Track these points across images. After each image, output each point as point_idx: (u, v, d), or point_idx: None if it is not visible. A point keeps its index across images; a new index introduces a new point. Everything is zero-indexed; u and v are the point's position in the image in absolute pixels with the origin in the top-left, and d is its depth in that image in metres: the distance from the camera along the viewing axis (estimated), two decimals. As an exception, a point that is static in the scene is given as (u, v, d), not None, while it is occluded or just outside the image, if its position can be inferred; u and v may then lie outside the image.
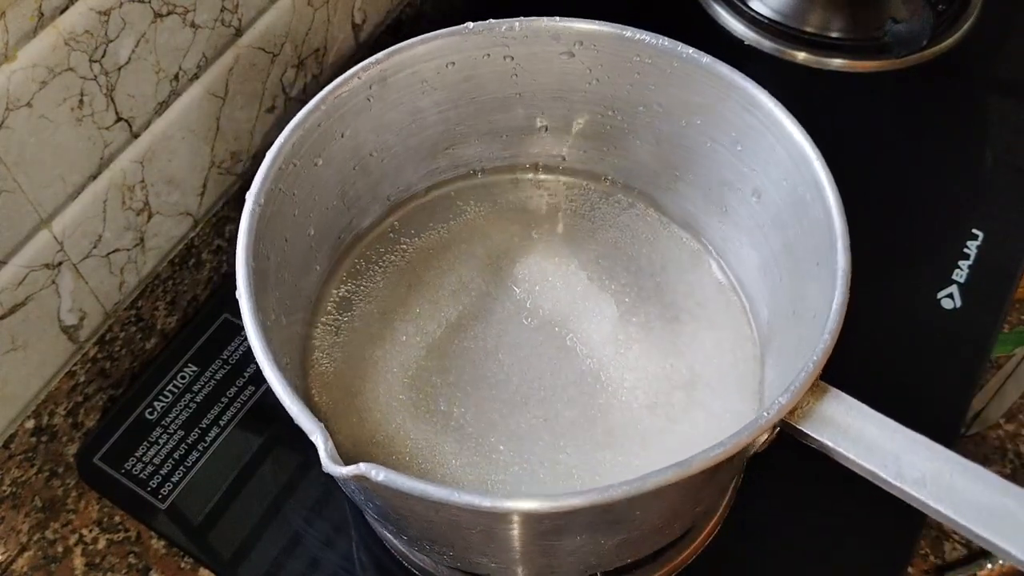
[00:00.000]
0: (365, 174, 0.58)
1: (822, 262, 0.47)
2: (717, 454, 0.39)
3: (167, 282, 0.67)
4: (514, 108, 0.60)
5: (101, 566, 0.57)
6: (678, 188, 0.60)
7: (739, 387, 0.55)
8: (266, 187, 0.49)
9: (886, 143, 0.77)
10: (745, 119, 0.53)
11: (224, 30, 0.62)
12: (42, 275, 0.57)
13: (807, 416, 0.42)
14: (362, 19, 0.77)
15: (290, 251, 0.52)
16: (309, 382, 0.55)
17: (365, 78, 0.54)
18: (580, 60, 0.57)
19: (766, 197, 0.54)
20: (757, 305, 0.57)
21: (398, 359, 0.56)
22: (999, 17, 0.84)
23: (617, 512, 0.41)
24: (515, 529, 0.42)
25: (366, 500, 0.46)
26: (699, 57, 0.53)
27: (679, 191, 0.61)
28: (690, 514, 0.50)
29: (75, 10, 0.52)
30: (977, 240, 0.69)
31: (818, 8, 0.82)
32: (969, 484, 0.40)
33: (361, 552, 0.58)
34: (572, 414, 0.54)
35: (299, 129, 0.51)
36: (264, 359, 0.43)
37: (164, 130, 0.61)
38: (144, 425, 0.61)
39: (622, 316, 0.58)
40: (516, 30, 0.56)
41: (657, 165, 0.60)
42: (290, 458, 0.61)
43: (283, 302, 0.51)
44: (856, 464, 0.42)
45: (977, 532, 0.39)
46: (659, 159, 0.60)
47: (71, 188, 0.57)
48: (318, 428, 0.40)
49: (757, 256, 0.56)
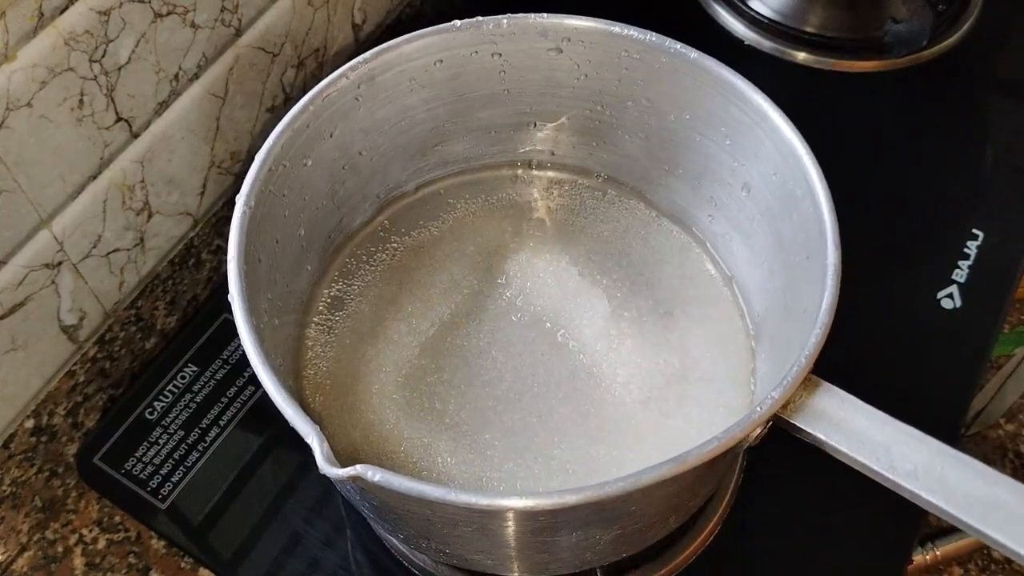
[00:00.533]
0: (355, 173, 0.58)
1: (812, 256, 0.47)
2: (711, 449, 0.39)
3: (167, 282, 0.67)
4: (503, 105, 0.60)
5: (101, 566, 0.57)
6: (668, 183, 0.60)
7: (731, 380, 0.55)
8: (256, 189, 0.49)
9: (886, 143, 0.77)
10: (734, 114, 0.53)
11: (224, 30, 0.63)
12: (42, 275, 0.57)
13: (800, 410, 0.42)
14: (362, 19, 0.77)
15: (281, 252, 0.52)
16: (303, 383, 0.55)
17: (353, 78, 0.54)
18: (568, 56, 0.57)
19: (756, 191, 0.54)
20: (749, 299, 0.57)
21: (391, 358, 0.56)
22: (999, 17, 0.84)
23: (613, 508, 0.42)
24: (511, 526, 0.43)
25: (362, 500, 0.47)
26: (687, 52, 0.53)
27: (669, 185, 0.61)
28: (685, 508, 0.50)
29: (75, 10, 0.52)
30: (977, 240, 0.69)
31: (818, 8, 0.82)
32: (961, 475, 0.40)
33: (360, 552, 0.58)
34: (566, 410, 0.54)
35: (288, 130, 0.51)
36: (258, 361, 0.43)
37: (164, 130, 0.62)
38: (144, 425, 0.62)
39: (614, 311, 0.58)
40: (504, 27, 0.56)
41: (647, 160, 0.60)
42: (290, 458, 0.61)
43: (275, 303, 0.51)
44: (849, 457, 0.42)
45: (969, 523, 0.39)
46: (649, 154, 0.60)
47: (71, 188, 0.57)
48: (313, 430, 0.40)
49: (748, 250, 0.56)
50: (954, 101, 0.80)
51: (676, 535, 0.56)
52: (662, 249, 0.61)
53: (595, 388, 0.55)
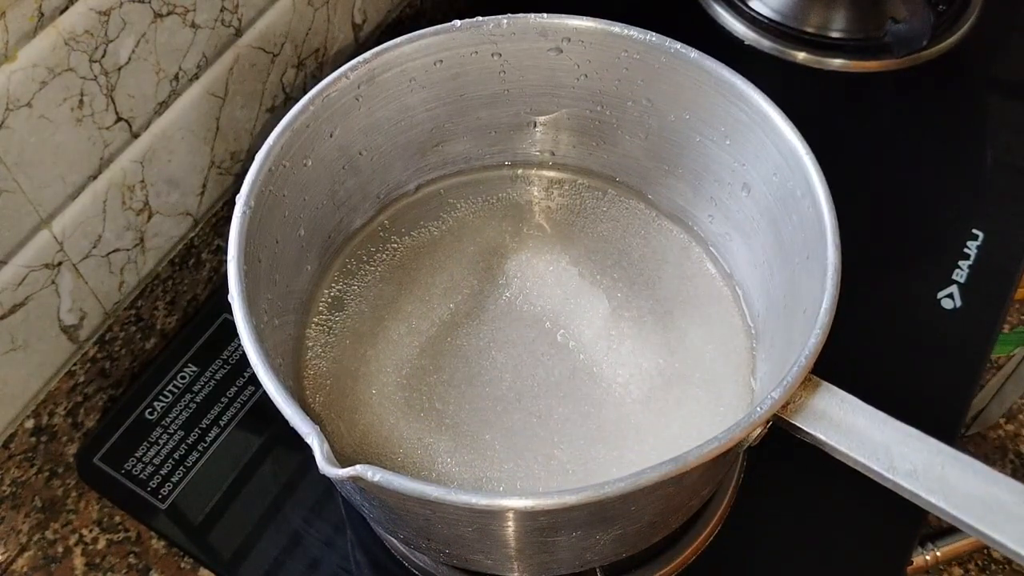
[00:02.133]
0: (355, 173, 0.58)
1: (812, 256, 0.47)
2: (711, 449, 0.39)
3: (167, 282, 0.67)
4: (503, 105, 0.60)
5: (101, 566, 0.57)
6: (668, 182, 0.60)
7: (731, 380, 0.55)
8: (256, 189, 0.49)
9: (886, 143, 0.77)
10: (734, 114, 0.53)
11: (224, 30, 0.63)
12: (42, 275, 0.57)
13: (800, 410, 0.42)
14: (362, 19, 0.77)
15: (281, 252, 0.52)
16: (303, 383, 0.55)
17: (353, 78, 0.54)
18: (568, 56, 0.57)
19: (756, 191, 0.54)
20: (749, 298, 0.57)
21: (391, 358, 0.56)
22: (999, 17, 0.84)
23: (613, 508, 0.42)
24: (511, 526, 0.43)
25: (362, 500, 0.47)
26: (687, 52, 0.53)
27: (669, 185, 0.61)
28: (685, 508, 0.50)
29: (75, 10, 0.52)
30: (977, 240, 0.69)
31: (818, 8, 0.82)
32: (960, 475, 0.40)
33: (360, 552, 0.58)
34: (566, 410, 0.54)
35: (288, 130, 0.51)
36: (258, 361, 0.43)
37: (164, 130, 0.62)
38: (144, 425, 0.62)
39: (614, 311, 0.58)
40: (503, 27, 0.56)
41: (647, 160, 0.60)
42: (290, 458, 0.61)
43: (275, 303, 0.51)
44: (849, 457, 0.42)
45: (969, 523, 0.39)
46: (649, 154, 0.60)
47: (71, 188, 0.57)
48: (313, 430, 0.40)
49: (748, 250, 0.56)
50: (954, 101, 0.80)
51: (676, 535, 0.56)
52: (662, 249, 0.61)
53: (595, 388, 0.55)
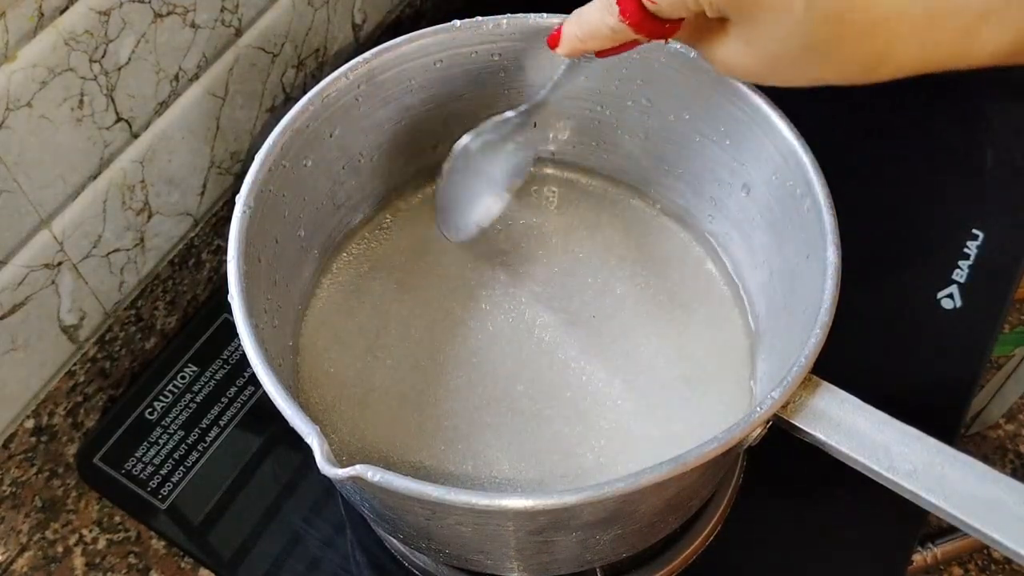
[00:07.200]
0: (354, 173, 0.58)
1: (812, 256, 0.47)
2: (711, 449, 0.40)
3: (167, 282, 0.67)
4: (502, 105, 0.60)
5: (101, 566, 0.57)
6: (668, 182, 0.61)
7: (731, 380, 0.55)
8: (256, 189, 0.49)
9: (886, 143, 0.77)
10: (733, 114, 0.53)
11: (224, 30, 0.63)
12: (42, 275, 0.57)
13: (800, 410, 0.42)
14: (362, 19, 0.77)
15: (281, 252, 0.52)
16: (302, 383, 0.55)
17: (353, 78, 0.54)
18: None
19: (756, 191, 0.54)
20: (749, 298, 0.57)
21: (391, 358, 0.56)
22: (999, 17, 0.83)
23: (612, 508, 0.42)
24: (511, 526, 0.43)
25: (362, 500, 0.47)
26: (687, 52, 0.53)
27: (669, 185, 0.61)
28: (685, 508, 0.50)
29: (75, 10, 0.52)
30: (977, 240, 0.69)
31: (818, 9, 0.81)
32: (961, 475, 0.40)
33: (360, 552, 0.58)
34: (565, 410, 0.54)
35: (288, 130, 0.51)
36: (258, 361, 0.43)
37: (164, 130, 0.61)
38: (144, 425, 0.62)
39: (614, 311, 0.58)
40: (503, 27, 0.56)
41: (647, 160, 0.60)
42: (290, 458, 0.61)
43: (275, 303, 0.51)
44: (849, 457, 0.42)
45: (968, 522, 0.39)
46: (648, 154, 0.60)
47: (71, 188, 0.57)
48: (313, 430, 0.40)
49: (748, 250, 0.56)
50: (954, 100, 0.80)
51: (676, 535, 0.56)
52: (662, 248, 0.61)
53: (595, 388, 0.55)
